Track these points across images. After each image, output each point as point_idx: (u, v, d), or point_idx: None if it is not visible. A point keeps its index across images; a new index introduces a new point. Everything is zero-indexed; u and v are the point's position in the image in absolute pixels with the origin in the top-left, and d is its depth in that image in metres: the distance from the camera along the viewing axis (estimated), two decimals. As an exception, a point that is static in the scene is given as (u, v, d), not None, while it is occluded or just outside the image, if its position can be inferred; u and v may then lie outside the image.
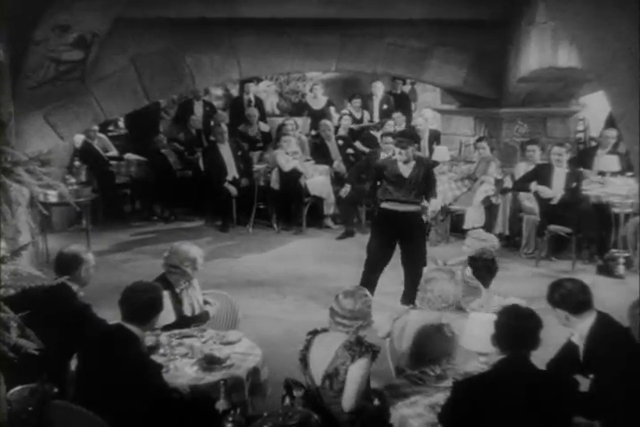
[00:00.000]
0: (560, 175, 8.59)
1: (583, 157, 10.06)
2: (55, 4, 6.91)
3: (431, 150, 11.30)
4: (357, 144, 11.80)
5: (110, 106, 8.26)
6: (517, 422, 3.44)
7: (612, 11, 5.28)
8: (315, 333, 4.15)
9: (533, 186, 8.70)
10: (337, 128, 11.93)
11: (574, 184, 8.59)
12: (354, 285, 4.22)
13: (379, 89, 13.06)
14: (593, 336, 3.97)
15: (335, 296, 4.09)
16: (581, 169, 9.29)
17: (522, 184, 8.91)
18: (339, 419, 3.97)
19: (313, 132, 12.02)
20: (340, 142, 11.53)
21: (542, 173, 8.69)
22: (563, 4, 6.27)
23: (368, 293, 4.18)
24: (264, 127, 12.34)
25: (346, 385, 3.91)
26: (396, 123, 11.83)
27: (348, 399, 3.93)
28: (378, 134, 11.88)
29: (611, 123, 9.99)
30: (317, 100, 12.97)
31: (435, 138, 11.53)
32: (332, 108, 12.96)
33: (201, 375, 4.35)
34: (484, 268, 6.41)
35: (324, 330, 4.12)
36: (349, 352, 3.91)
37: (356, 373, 3.91)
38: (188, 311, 5.21)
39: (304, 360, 4.09)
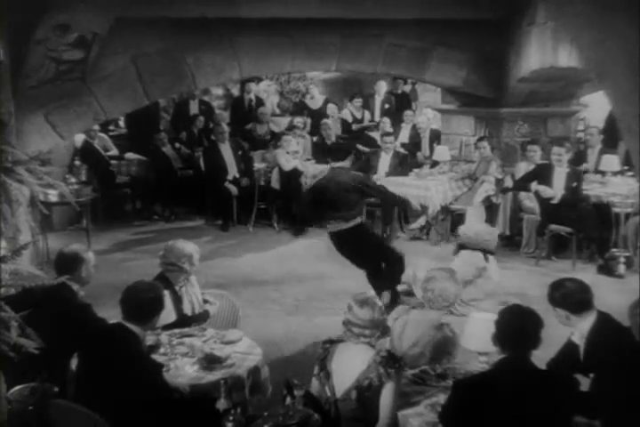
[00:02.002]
0: (560, 175, 8.59)
1: (578, 158, 10.08)
2: (56, 4, 6.91)
3: (432, 150, 11.32)
4: (358, 146, 11.84)
5: (111, 105, 8.25)
6: (518, 422, 3.44)
7: (612, 11, 5.28)
8: (331, 342, 4.01)
9: (534, 186, 8.70)
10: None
11: (575, 184, 8.59)
12: (361, 293, 4.11)
13: (381, 88, 13.09)
14: (593, 336, 3.97)
15: (347, 307, 3.95)
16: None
17: (522, 184, 8.91)
18: None
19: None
20: (342, 142, 11.57)
21: (543, 173, 8.69)
22: (563, 5, 6.29)
23: (377, 298, 4.10)
24: (274, 127, 12.35)
25: (382, 407, 3.79)
26: (406, 121, 11.87)
27: (385, 421, 3.81)
28: (375, 135, 11.95)
29: (610, 122, 10.00)
30: (315, 100, 12.99)
31: (435, 137, 11.55)
32: (330, 106, 12.97)
33: (201, 375, 4.35)
34: None
35: (340, 340, 3.99)
36: (385, 369, 3.78)
37: (391, 394, 3.80)
38: (187, 308, 5.22)
39: (324, 370, 3.94)
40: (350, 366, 3.87)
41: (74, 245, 5.05)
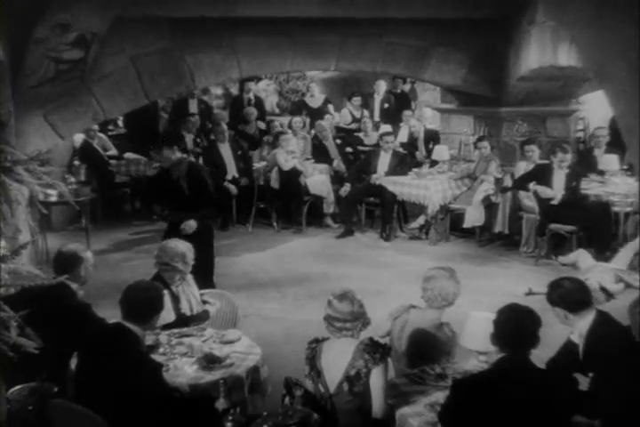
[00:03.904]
0: (560, 175, 8.59)
1: (584, 159, 10.06)
2: (55, 4, 6.91)
3: (428, 150, 11.32)
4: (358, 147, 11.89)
5: (110, 105, 8.25)
6: (517, 421, 3.44)
7: (612, 10, 5.28)
8: (317, 341, 4.07)
9: (532, 186, 8.70)
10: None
11: (574, 183, 8.58)
12: (343, 288, 4.15)
13: (381, 88, 13.09)
14: (592, 335, 3.97)
15: (327, 303, 4.01)
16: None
17: (521, 184, 8.91)
18: (350, 423, 3.93)
19: (312, 132, 12.05)
20: (339, 141, 11.56)
21: (542, 173, 8.69)
22: (563, 4, 6.28)
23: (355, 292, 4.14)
24: (261, 125, 12.36)
25: (373, 392, 3.85)
26: (405, 121, 11.89)
27: (379, 406, 3.86)
28: (361, 135, 12.01)
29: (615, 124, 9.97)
30: (315, 99, 12.99)
31: (431, 137, 11.54)
32: (330, 106, 12.98)
33: (201, 374, 4.35)
34: None
35: (325, 339, 4.05)
36: (370, 355, 3.85)
37: (380, 378, 3.86)
38: (185, 308, 5.22)
39: (315, 368, 4.00)
40: (338, 361, 3.93)
41: (72, 245, 5.05)
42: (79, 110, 8.07)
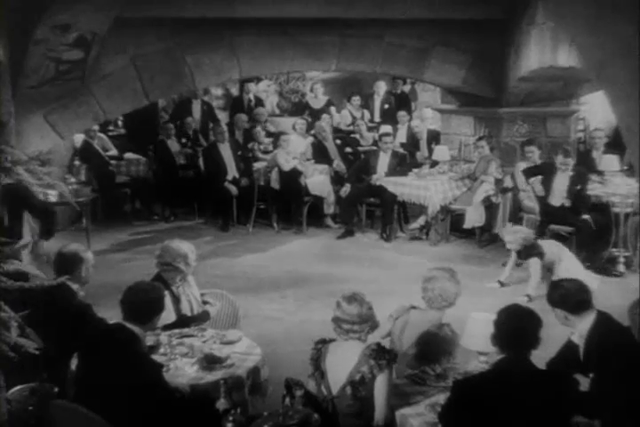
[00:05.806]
0: (562, 177, 8.55)
1: (582, 160, 10.04)
2: (55, 4, 6.90)
3: (430, 150, 11.32)
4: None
5: (110, 105, 8.26)
6: (517, 422, 3.44)
7: (612, 11, 5.28)
8: (324, 342, 4.07)
9: (532, 179, 8.70)
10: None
11: (578, 186, 8.54)
12: (352, 290, 4.15)
13: (381, 88, 13.10)
14: (593, 335, 3.97)
15: (336, 304, 4.01)
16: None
17: (529, 174, 8.82)
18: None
19: (312, 132, 12.06)
20: (339, 142, 11.56)
21: (546, 171, 8.68)
22: (562, 5, 6.28)
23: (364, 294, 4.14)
24: (270, 127, 12.35)
25: (376, 398, 3.85)
26: (400, 122, 11.90)
27: (381, 412, 3.86)
28: (357, 136, 12.01)
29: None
30: (318, 100, 13.00)
31: (433, 138, 11.55)
32: (332, 108, 12.99)
33: (201, 375, 4.35)
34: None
35: (332, 340, 4.05)
36: (376, 361, 3.84)
37: (385, 384, 3.85)
38: (186, 309, 5.22)
39: (319, 369, 3.99)
40: (343, 363, 3.92)
41: (73, 245, 5.05)
42: (79, 111, 8.08)
